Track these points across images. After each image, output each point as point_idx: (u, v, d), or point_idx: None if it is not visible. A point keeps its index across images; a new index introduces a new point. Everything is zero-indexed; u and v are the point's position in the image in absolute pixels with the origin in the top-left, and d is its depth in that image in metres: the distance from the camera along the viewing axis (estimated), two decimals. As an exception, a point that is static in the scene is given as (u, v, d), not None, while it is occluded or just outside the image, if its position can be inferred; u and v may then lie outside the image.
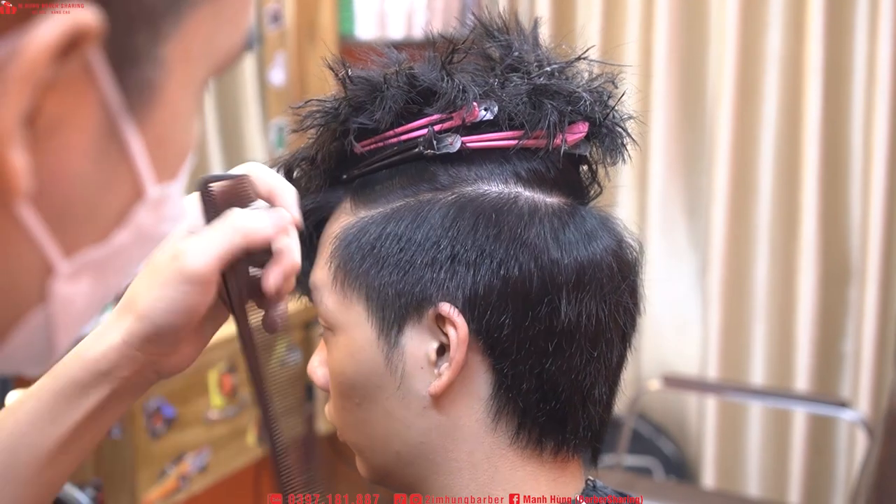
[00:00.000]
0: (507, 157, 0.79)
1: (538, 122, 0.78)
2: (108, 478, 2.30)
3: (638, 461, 3.06)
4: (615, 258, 0.79)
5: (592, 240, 0.78)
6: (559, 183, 0.80)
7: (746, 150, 2.95)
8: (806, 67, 2.85)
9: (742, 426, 3.07)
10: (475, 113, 0.78)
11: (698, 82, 3.07)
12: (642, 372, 3.15)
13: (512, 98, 0.79)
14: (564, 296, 0.76)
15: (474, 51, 0.82)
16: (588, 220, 0.80)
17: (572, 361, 0.77)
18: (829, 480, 3.02)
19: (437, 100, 0.79)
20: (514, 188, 0.78)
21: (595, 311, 0.77)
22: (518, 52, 0.81)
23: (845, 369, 2.96)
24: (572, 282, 0.76)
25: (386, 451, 0.80)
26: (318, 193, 0.84)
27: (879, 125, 2.76)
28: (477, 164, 0.79)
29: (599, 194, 0.85)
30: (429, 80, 0.80)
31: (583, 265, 0.77)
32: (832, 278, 2.92)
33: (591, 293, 0.77)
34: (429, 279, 0.76)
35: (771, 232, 2.96)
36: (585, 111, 0.81)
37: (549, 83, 0.80)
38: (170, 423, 2.36)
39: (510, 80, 0.80)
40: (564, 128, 0.79)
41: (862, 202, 2.85)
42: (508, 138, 0.79)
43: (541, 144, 0.79)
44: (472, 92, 0.78)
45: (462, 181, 0.78)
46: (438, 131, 0.79)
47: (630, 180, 3.13)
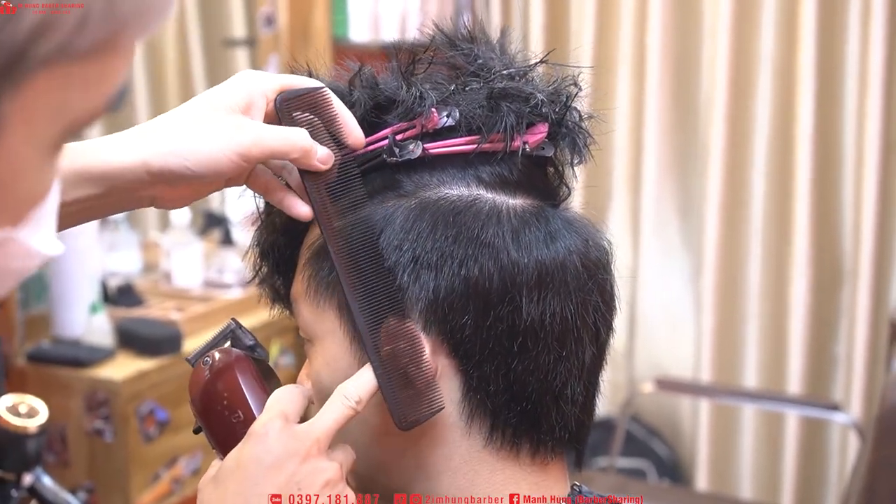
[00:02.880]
0: (469, 161, 0.80)
1: (495, 125, 0.79)
2: (100, 481, 2.30)
3: (631, 463, 3.07)
4: (580, 257, 0.79)
5: (555, 240, 0.79)
6: (523, 185, 0.81)
7: (739, 152, 2.96)
8: (798, 69, 2.86)
9: (735, 429, 3.07)
10: (434, 119, 0.80)
11: (691, 84, 3.07)
12: (635, 374, 3.15)
13: (470, 103, 0.80)
14: (525, 295, 0.76)
15: (438, 60, 0.83)
16: (553, 220, 0.80)
17: (539, 361, 0.77)
18: (821, 483, 3.02)
19: (396, 108, 0.80)
20: (476, 191, 0.79)
21: (560, 309, 0.78)
22: (482, 60, 0.82)
23: (837, 372, 2.96)
24: (533, 281, 0.77)
25: (367, 459, 0.81)
26: None
27: (871, 127, 2.77)
28: (440, 169, 0.80)
29: (569, 196, 0.85)
30: (389, 89, 0.81)
31: (544, 264, 0.77)
32: (825, 281, 2.93)
33: (554, 292, 0.77)
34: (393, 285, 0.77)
35: (763, 234, 2.97)
36: (543, 112, 0.81)
37: (507, 86, 0.81)
38: (163, 427, 2.36)
39: (469, 86, 0.81)
40: (523, 129, 0.80)
41: (854, 204, 2.86)
42: (468, 143, 0.80)
43: (500, 147, 0.80)
44: (429, 98, 0.79)
45: (425, 187, 0.79)
46: (402, 139, 0.80)
47: (623, 183, 3.14)
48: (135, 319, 2.48)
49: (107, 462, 2.29)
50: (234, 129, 0.78)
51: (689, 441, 3.15)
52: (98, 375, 2.30)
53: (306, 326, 0.82)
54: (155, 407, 2.34)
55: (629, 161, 3.13)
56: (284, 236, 0.85)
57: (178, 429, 2.40)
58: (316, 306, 0.80)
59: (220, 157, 0.77)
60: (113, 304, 2.55)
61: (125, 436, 2.27)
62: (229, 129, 0.78)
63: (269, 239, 0.86)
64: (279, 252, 0.86)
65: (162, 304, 2.63)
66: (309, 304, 0.81)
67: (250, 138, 0.77)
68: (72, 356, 2.33)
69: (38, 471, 1.60)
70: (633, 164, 3.12)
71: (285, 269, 0.85)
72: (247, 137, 0.77)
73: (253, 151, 0.77)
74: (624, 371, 3.15)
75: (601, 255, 0.82)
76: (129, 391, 2.29)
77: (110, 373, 2.30)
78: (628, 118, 3.09)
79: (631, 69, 3.08)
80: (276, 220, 0.85)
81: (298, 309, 0.82)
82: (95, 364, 2.32)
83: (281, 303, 0.87)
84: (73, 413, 2.28)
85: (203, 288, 2.74)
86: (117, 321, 2.43)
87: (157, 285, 2.77)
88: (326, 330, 0.80)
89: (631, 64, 3.07)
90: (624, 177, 3.13)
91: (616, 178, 3.13)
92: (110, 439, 2.27)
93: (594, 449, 2.97)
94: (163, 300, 2.66)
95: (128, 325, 2.43)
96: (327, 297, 0.80)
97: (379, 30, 3.20)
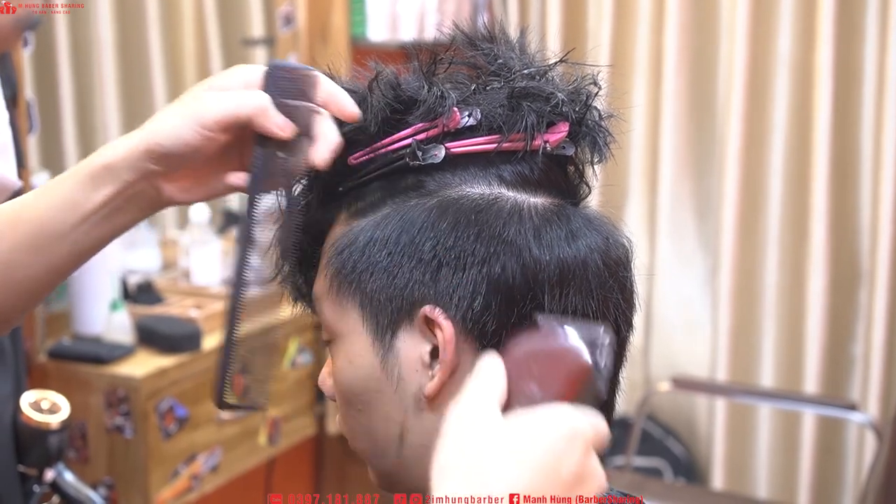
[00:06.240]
0: (491, 160, 0.81)
1: (516, 124, 0.80)
2: (120, 478, 2.32)
3: (647, 462, 3.07)
4: (601, 255, 0.80)
5: (577, 238, 0.79)
6: (544, 183, 0.82)
7: (756, 153, 2.96)
8: (816, 70, 2.85)
9: (751, 428, 3.07)
10: (456, 119, 0.80)
11: (708, 85, 3.07)
12: (652, 373, 3.15)
13: (491, 102, 0.81)
14: (547, 292, 0.77)
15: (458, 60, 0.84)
16: (574, 219, 0.81)
17: None
18: (837, 483, 3.02)
19: (417, 108, 0.81)
20: (497, 190, 0.80)
21: (581, 307, 0.78)
22: (502, 60, 0.83)
23: (854, 372, 2.96)
24: (555, 278, 0.78)
25: (390, 456, 0.82)
26: (317, 208, 0.86)
27: (889, 127, 2.76)
28: (461, 168, 0.81)
29: (589, 194, 0.86)
30: (411, 89, 0.81)
31: (566, 262, 0.78)
32: (842, 281, 2.92)
33: (575, 290, 0.78)
34: (416, 282, 0.78)
35: (780, 234, 2.96)
36: (564, 111, 0.82)
37: (527, 85, 0.81)
38: (182, 424, 2.38)
39: (490, 86, 0.82)
40: (543, 128, 0.81)
41: (871, 205, 2.85)
42: (489, 142, 0.81)
43: (520, 146, 0.81)
44: (450, 98, 0.80)
45: (447, 186, 0.80)
46: (424, 139, 0.81)
47: (640, 183, 3.14)
48: (154, 317, 2.50)
49: (126, 458, 2.31)
50: (191, 100, 0.82)
51: (705, 440, 3.15)
52: (118, 372, 2.32)
53: (329, 325, 0.83)
54: (174, 404, 2.36)
55: (646, 160, 3.13)
56: (307, 235, 0.86)
57: (198, 426, 2.42)
58: (338, 305, 0.81)
59: (182, 129, 0.81)
60: (133, 301, 2.57)
61: (145, 432, 2.29)
62: (187, 101, 0.82)
63: (291, 237, 0.87)
64: (301, 251, 0.86)
65: (181, 301, 2.65)
66: (331, 302, 0.82)
67: (204, 104, 0.81)
68: (92, 353, 2.34)
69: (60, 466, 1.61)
70: (651, 164, 3.12)
71: (307, 268, 0.86)
72: (201, 104, 0.81)
73: (207, 117, 0.80)
74: (640, 370, 3.15)
75: (622, 253, 0.82)
76: (148, 388, 2.30)
77: (130, 370, 2.32)
78: (645, 118, 3.09)
79: (648, 69, 3.08)
80: (298, 218, 0.86)
81: (321, 307, 0.83)
82: (116, 361, 2.34)
83: (303, 301, 0.88)
84: (93, 410, 2.30)
85: (222, 286, 2.75)
86: (137, 318, 2.45)
87: (176, 283, 2.79)
88: (349, 328, 0.81)
89: (648, 64, 3.07)
90: (641, 176, 3.13)
91: (633, 177, 3.13)
92: (130, 436, 2.29)
93: (610, 448, 2.96)
94: (182, 298, 2.68)
95: (147, 323, 2.44)
96: (349, 296, 0.80)
97: (397, 29, 3.21)
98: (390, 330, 0.79)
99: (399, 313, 0.78)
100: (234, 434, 2.54)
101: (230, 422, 2.51)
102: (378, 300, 0.79)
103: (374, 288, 0.79)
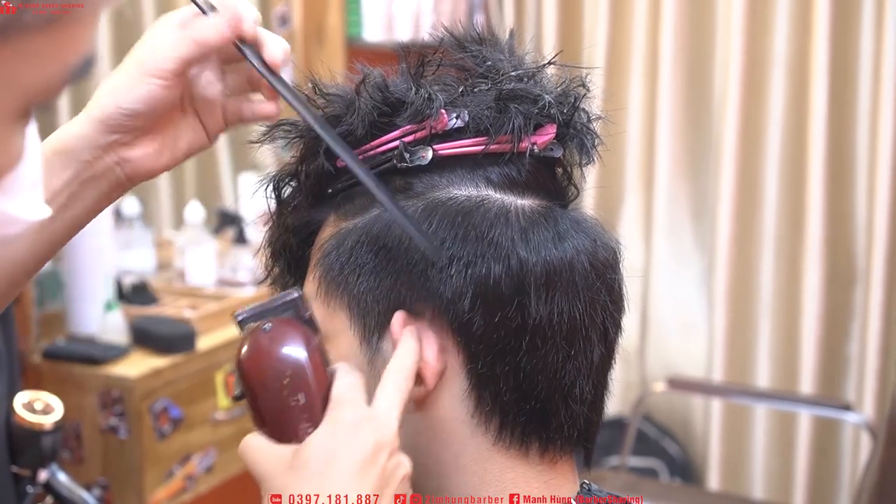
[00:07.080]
0: (478, 162, 0.81)
1: (503, 126, 0.80)
2: (114, 478, 2.31)
3: (643, 463, 3.07)
4: (589, 257, 0.80)
5: (564, 239, 0.79)
6: (531, 185, 0.81)
7: (752, 152, 2.96)
8: (812, 69, 2.86)
9: (747, 428, 3.07)
10: (443, 121, 0.80)
11: (704, 84, 3.07)
12: (647, 373, 3.15)
13: (479, 104, 0.81)
14: (534, 294, 0.77)
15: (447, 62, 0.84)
16: (561, 221, 0.80)
17: (548, 359, 0.78)
18: (833, 483, 3.02)
19: (405, 110, 0.81)
20: (485, 191, 0.80)
21: (568, 309, 0.78)
22: (491, 62, 0.83)
23: (850, 372, 2.96)
24: (542, 280, 0.77)
25: None
26: (306, 210, 0.86)
27: (885, 126, 2.76)
28: (449, 170, 0.81)
29: (577, 196, 0.86)
30: (398, 91, 0.81)
31: (552, 264, 0.78)
32: (837, 281, 2.93)
33: (562, 291, 0.78)
34: (402, 284, 0.78)
35: (776, 234, 2.97)
36: (551, 113, 0.82)
37: (515, 87, 0.81)
38: (176, 424, 2.38)
39: (478, 88, 0.82)
40: (531, 130, 0.81)
41: (867, 204, 2.86)
42: (476, 144, 0.81)
43: (508, 148, 0.80)
44: (437, 100, 0.80)
45: (434, 188, 0.80)
46: (411, 141, 0.81)
47: (636, 183, 3.14)
48: (149, 317, 2.49)
49: (121, 459, 2.31)
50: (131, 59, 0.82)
51: (700, 440, 3.15)
52: (112, 373, 2.31)
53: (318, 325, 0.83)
54: (169, 404, 2.35)
55: (642, 161, 3.13)
56: (296, 236, 0.86)
57: (192, 426, 2.42)
58: (327, 306, 0.81)
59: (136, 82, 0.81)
60: (127, 301, 2.56)
61: (139, 433, 2.29)
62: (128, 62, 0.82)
63: (281, 239, 0.87)
64: (290, 252, 0.86)
65: (176, 302, 2.65)
66: (320, 303, 0.81)
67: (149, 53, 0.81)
68: (87, 354, 2.34)
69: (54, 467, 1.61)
70: (646, 164, 3.12)
71: (297, 269, 0.86)
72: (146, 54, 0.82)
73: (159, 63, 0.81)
74: (636, 370, 3.15)
75: (609, 255, 0.82)
76: (143, 389, 2.30)
77: (125, 370, 2.32)
78: (641, 118, 3.09)
79: (644, 69, 3.08)
80: (287, 220, 0.86)
81: None
82: (110, 361, 2.33)
83: None
84: (87, 410, 2.30)
85: (217, 286, 2.75)
86: (132, 319, 2.45)
87: (170, 283, 2.78)
88: (338, 329, 0.81)
89: (644, 64, 3.08)
90: (637, 177, 3.13)
91: (629, 177, 3.13)
92: (124, 436, 2.29)
93: (606, 448, 2.97)
94: (176, 298, 2.68)
95: (142, 323, 2.44)
96: (338, 297, 0.80)
97: (393, 30, 3.21)
98: (377, 332, 0.79)
99: (386, 315, 0.78)
100: (229, 435, 2.54)
101: (225, 423, 2.50)
102: (365, 302, 0.79)
103: (362, 290, 0.79)
